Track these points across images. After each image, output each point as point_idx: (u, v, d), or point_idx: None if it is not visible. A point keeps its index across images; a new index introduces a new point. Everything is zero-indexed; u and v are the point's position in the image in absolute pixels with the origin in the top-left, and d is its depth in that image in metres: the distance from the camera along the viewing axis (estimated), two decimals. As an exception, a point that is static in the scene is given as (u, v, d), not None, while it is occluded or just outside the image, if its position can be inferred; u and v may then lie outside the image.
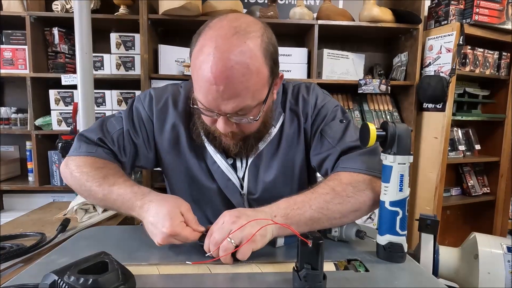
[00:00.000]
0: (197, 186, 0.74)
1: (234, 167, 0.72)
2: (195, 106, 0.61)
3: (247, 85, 0.55)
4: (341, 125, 0.71)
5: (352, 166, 0.65)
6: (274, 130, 0.72)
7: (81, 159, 0.67)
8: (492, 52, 1.85)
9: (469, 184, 2.02)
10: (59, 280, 0.37)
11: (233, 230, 0.51)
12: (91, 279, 0.37)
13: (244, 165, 0.72)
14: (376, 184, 0.62)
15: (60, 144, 1.52)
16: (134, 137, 0.72)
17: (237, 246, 0.51)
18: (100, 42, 1.75)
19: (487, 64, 1.86)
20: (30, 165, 1.75)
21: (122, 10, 1.65)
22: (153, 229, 0.55)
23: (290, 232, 0.56)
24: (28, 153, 1.76)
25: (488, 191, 2.06)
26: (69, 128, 1.62)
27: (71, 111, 1.61)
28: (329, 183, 0.63)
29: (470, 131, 2.05)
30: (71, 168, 0.67)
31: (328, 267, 0.53)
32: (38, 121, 1.67)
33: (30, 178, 1.77)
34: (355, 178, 0.63)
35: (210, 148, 0.71)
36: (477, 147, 2.04)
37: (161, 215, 0.54)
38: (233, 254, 0.51)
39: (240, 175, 0.72)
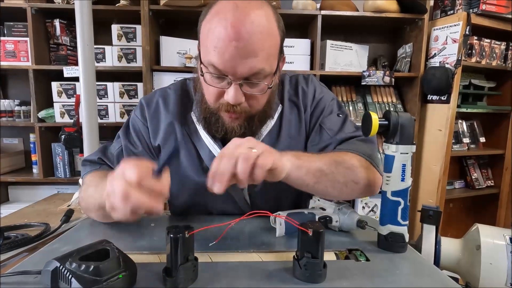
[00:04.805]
0: (191, 187, 0.72)
1: None
2: (204, 73, 0.59)
3: (264, 46, 0.56)
4: (339, 119, 0.73)
5: (352, 148, 0.66)
6: (273, 121, 0.71)
7: (86, 178, 0.69)
8: (499, 43, 1.82)
9: (473, 177, 2.01)
10: (61, 266, 0.38)
11: (247, 142, 0.48)
12: (92, 266, 0.37)
13: None
14: (375, 171, 0.64)
15: (63, 136, 1.53)
16: (133, 149, 0.72)
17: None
18: (101, 34, 1.73)
19: (494, 55, 1.82)
20: (34, 157, 1.77)
21: (123, 1, 1.63)
22: (111, 189, 0.43)
23: (303, 174, 0.55)
24: (32, 145, 1.77)
25: (492, 184, 2.05)
26: (72, 121, 1.63)
27: (74, 104, 1.61)
28: (335, 152, 0.64)
29: (475, 124, 2.03)
30: (80, 189, 0.68)
31: (329, 256, 0.53)
32: (41, 114, 1.68)
33: (34, 170, 1.79)
34: (357, 156, 0.64)
35: (207, 141, 0.70)
36: (482, 139, 2.02)
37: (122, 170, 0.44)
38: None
39: None
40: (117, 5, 1.62)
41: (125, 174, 0.42)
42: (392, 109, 1.88)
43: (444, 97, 1.70)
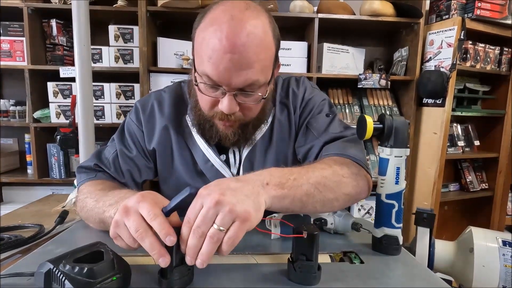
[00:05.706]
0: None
1: (227, 163, 0.71)
2: (198, 83, 0.58)
3: (259, 57, 0.55)
4: (327, 119, 0.72)
5: (337, 151, 0.64)
6: (267, 125, 0.72)
7: (83, 187, 0.67)
8: (493, 47, 1.84)
9: (468, 180, 2.03)
10: (54, 268, 0.38)
11: (220, 214, 0.40)
12: (86, 268, 0.37)
13: (237, 161, 0.71)
14: (365, 173, 0.62)
15: (58, 137, 1.52)
16: (128, 153, 0.71)
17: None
18: (98, 35, 1.73)
19: (488, 59, 1.85)
20: (29, 158, 1.76)
21: (120, 1, 1.63)
22: (120, 220, 0.42)
23: (287, 204, 0.49)
24: (27, 145, 1.76)
25: (486, 187, 2.07)
26: (68, 121, 1.62)
27: (70, 104, 1.60)
28: (325, 160, 0.61)
29: (470, 127, 2.05)
30: (77, 198, 0.66)
31: (324, 258, 0.53)
32: (37, 114, 1.67)
33: (29, 171, 1.77)
34: (345, 161, 0.61)
35: (202, 144, 0.70)
36: (476, 143, 2.04)
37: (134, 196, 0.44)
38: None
39: (234, 172, 0.71)
40: (114, 6, 1.62)
41: (143, 213, 0.40)
42: (388, 112, 1.89)
43: (439, 101, 1.71)
